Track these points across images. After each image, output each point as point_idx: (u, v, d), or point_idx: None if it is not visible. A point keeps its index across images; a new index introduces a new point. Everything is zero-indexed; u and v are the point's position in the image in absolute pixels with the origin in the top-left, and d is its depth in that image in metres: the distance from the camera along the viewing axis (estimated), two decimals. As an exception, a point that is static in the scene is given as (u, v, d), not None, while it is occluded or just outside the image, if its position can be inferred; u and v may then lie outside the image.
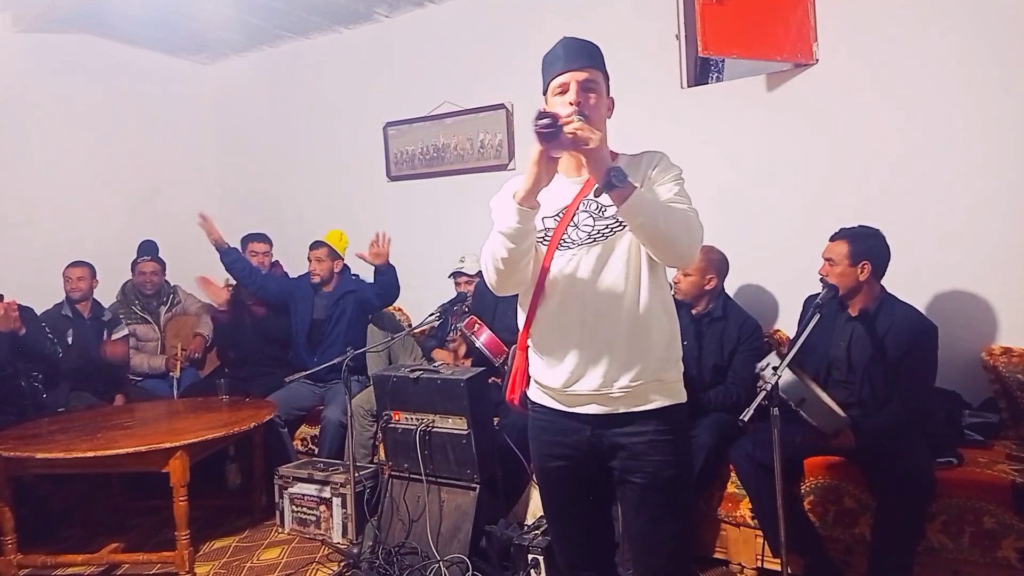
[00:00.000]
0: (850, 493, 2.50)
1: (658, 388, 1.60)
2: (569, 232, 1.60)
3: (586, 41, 1.63)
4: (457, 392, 2.75)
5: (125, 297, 4.26)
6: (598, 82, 1.60)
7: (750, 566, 2.68)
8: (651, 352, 1.59)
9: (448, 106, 4.24)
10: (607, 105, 1.64)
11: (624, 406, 1.59)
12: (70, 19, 4.24)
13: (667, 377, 1.62)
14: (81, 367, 3.73)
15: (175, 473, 2.78)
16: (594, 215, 1.60)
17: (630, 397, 1.59)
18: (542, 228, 1.62)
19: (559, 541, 1.81)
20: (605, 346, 1.58)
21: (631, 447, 1.60)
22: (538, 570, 2.51)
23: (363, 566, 2.77)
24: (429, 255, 4.29)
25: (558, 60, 1.60)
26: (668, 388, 1.63)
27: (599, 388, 1.58)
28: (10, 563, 2.84)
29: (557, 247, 1.60)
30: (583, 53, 1.60)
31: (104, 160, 4.60)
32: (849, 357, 2.61)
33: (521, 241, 1.52)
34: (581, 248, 1.58)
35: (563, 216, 1.61)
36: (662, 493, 1.60)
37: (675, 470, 1.61)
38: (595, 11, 3.73)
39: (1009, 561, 2.27)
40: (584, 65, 1.58)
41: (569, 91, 1.56)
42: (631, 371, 1.57)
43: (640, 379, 1.58)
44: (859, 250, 2.53)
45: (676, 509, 1.63)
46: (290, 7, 4.18)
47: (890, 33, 3.04)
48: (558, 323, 1.62)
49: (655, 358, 1.59)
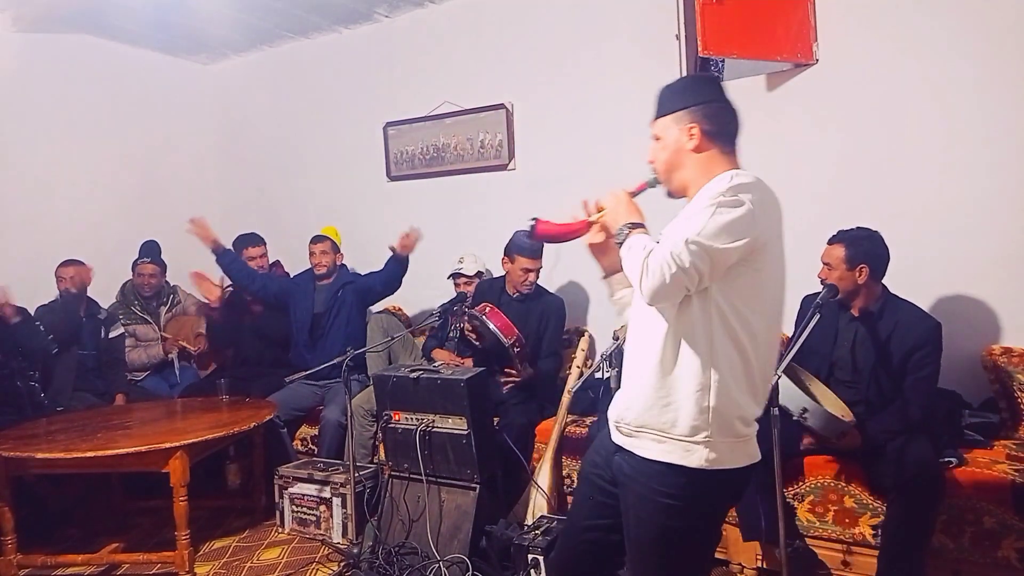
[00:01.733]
0: (850, 493, 2.50)
1: (660, 439, 1.50)
2: None
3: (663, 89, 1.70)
4: (457, 392, 2.75)
5: (125, 297, 4.26)
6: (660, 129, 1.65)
7: (750, 566, 2.68)
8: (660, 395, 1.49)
9: (448, 106, 4.24)
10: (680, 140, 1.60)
11: (624, 442, 1.59)
12: (70, 19, 4.23)
13: (676, 431, 1.48)
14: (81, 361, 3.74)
15: (175, 473, 2.78)
16: None
17: (631, 437, 1.56)
18: None
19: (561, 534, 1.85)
20: (629, 374, 1.60)
21: (626, 489, 1.57)
22: (538, 570, 2.51)
23: (363, 566, 2.77)
24: (429, 255, 4.28)
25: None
26: (673, 444, 1.49)
27: (617, 418, 1.61)
28: (10, 563, 2.84)
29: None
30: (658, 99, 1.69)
31: (104, 160, 4.60)
32: (853, 357, 2.61)
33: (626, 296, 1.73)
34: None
35: None
36: (639, 550, 1.57)
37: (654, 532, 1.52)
38: (595, 11, 3.73)
39: (1009, 561, 2.27)
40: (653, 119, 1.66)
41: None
42: (637, 409, 1.54)
43: (641, 422, 1.53)
44: (856, 253, 2.53)
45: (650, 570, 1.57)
46: (290, 7, 4.18)
47: (890, 33, 3.04)
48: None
49: (664, 405, 1.49)
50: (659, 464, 1.50)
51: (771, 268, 1.51)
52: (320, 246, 3.98)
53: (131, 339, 4.13)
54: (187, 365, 4.33)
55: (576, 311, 3.76)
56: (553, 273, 3.08)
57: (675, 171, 1.61)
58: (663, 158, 1.62)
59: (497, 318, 3.15)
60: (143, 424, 3.22)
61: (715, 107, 1.61)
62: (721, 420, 1.47)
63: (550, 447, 3.05)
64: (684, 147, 1.59)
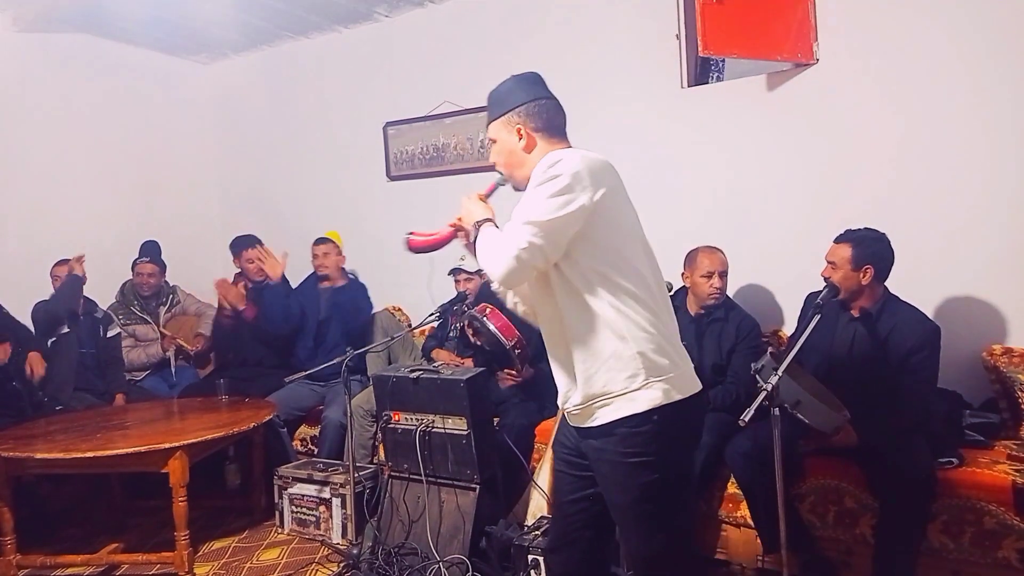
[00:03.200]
0: (850, 493, 2.50)
1: (606, 402, 1.59)
2: None
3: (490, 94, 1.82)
4: (457, 392, 2.74)
5: (124, 297, 4.26)
6: (492, 134, 1.78)
7: (750, 566, 2.68)
8: (581, 363, 1.61)
9: (448, 106, 4.24)
10: (511, 141, 1.74)
11: (579, 422, 1.68)
12: (70, 19, 4.23)
13: (616, 388, 1.57)
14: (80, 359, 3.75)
15: (174, 473, 2.77)
16: None
17: (582, 415, 1.65)
18: None
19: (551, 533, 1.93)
20: (555, 365, 1.71)
21: (596, 462, 1.66)
22: (538, 571, 2.51)
23: (363, 567, 2.77)
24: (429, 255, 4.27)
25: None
26: (619, 400, 1.58)
27: (565, 404, 1.70)
28: (9, 563, 2.84)
29: None
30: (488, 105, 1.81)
31: (104, 160, 4.59)
32: (852, 357, 2.61)
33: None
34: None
35: None
36: (623, 513, 1.66)
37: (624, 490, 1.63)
38: (595, 11, 3.72)
39: (1010, 562, 2.26)
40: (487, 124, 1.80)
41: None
42: (575, 389, 1.64)
43: (583, 397, 1.62)
44: (862, 254, 2.53)
45: (635, 524, 1.66)
46: (290, 7, 4.18)
47: (890, 33, 3.04)
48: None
49: (593, 373, 1.59)
50: (615, 424, 1.58)
51: (625, 215, 1.65)
52: (322, 248, 4.01)
53: (130, 339, 4.13)
54: (184, 364, 4.32)
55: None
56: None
57: (516, 168, 1.74)
58: (502, 160, 1.76)
59: (497, 319, 3.14)
60: (142, 424, 3.21)
61: (538, 104, 1.74)
62: (648, 361, 1.57)
63: (550, 447, 3.04)
64: (516, 147, 1.73)
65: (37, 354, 3.52)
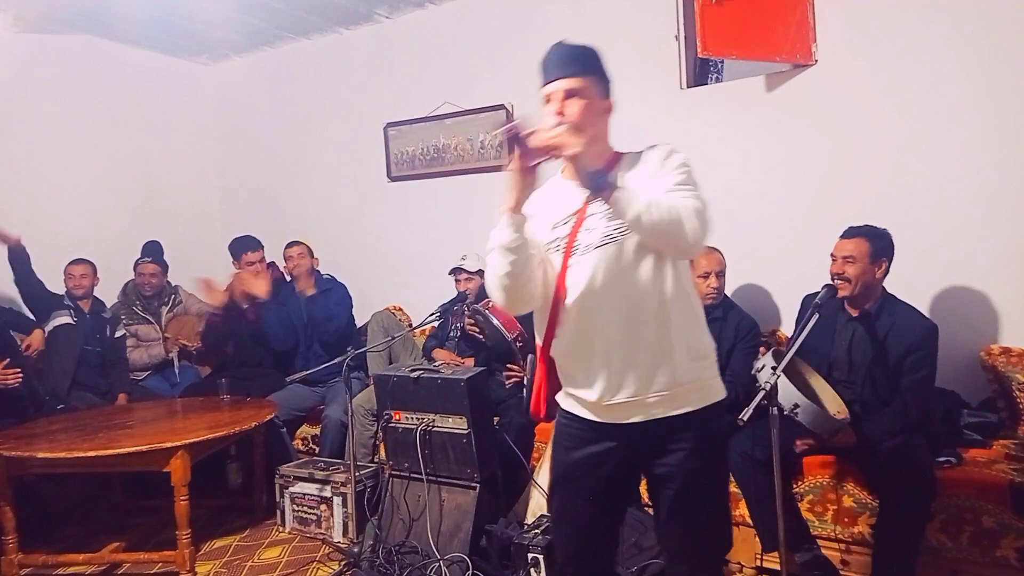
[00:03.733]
0: (850, 493, 2.51)
1: (695, 387, 1.57)
2: (581, 237, 1.55)
3: (574, 46, 1.60)
4: (457, 392, 2.75)
5: (126, 297, 4.27)
6: (585, 87, 1.56)
7: (749, 565, 2.69)
8: (681, 351, 1.53)
9: (448, 107, 4.25)
10: (602, 108, 1.61)
11: (662, 410, 1.55)
12: (71, 20, 4.24)
13: (704, 374, 1.59)
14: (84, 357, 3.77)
15: (176, 472, 2.78)
16: (607, 215, 1.53)
17: (668, 400, 1.54)
18: (555, 237, 1.59)
19: (563, 547, 1.74)
20: (634, 350, 1.53)
21: (669, 455, 1.56)
22: (538, 569, 2.52)
23: (363, 565, 2.78)
24: (429, 255, 4.30)
25: (547, 70, 1.60)
26: (705, 386, 1.59)
27: (635, 395, 1.54)
28: (11, 562, 2.85)
29: (571, 254, 1.55)
30: (568, 60, 1.58)
31: (105, 160, 4.60)
32: (850, 357, 2.62)
33: (519, 252, 1.50)
34: (596, 251, 1.53)
35: (575, 222, 1.57)
36: (697, 501, 1.58)
37: (711, 478, 1.61)
38: (594, 11, 3.74)
39: (1008, 561, 2.27)
40: (568, 73, 1.56)
41: (552, 101, 1.56)
42: (664, 373, 1.53)
43: (675, 380, 1.53)
44: (879, 248, 2.54)
45: (712, 515, 1.62)
46: (290, 8, 4.19)
47: (890, 33, 3.04)
48: (582, 334, 1.56)
49: (687, 357, 1.54)
50: (704, 411, 1.57)
51: None
52: (293, 250, 4.00)
53: (132, 339, 4.14)
54: (188, 365, 4.34)
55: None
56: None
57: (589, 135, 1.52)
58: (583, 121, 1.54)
59: (500, 313, 3.15)
60: (144, 424, 3.22)
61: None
62: (713, 353, 1.63)
63: (550, 446, 3.04)
64: (603, 115, 1.61)
65: (40, 332, 3.62)
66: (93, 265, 3.92)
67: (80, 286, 3.85)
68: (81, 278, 3.86)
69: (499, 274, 1.53)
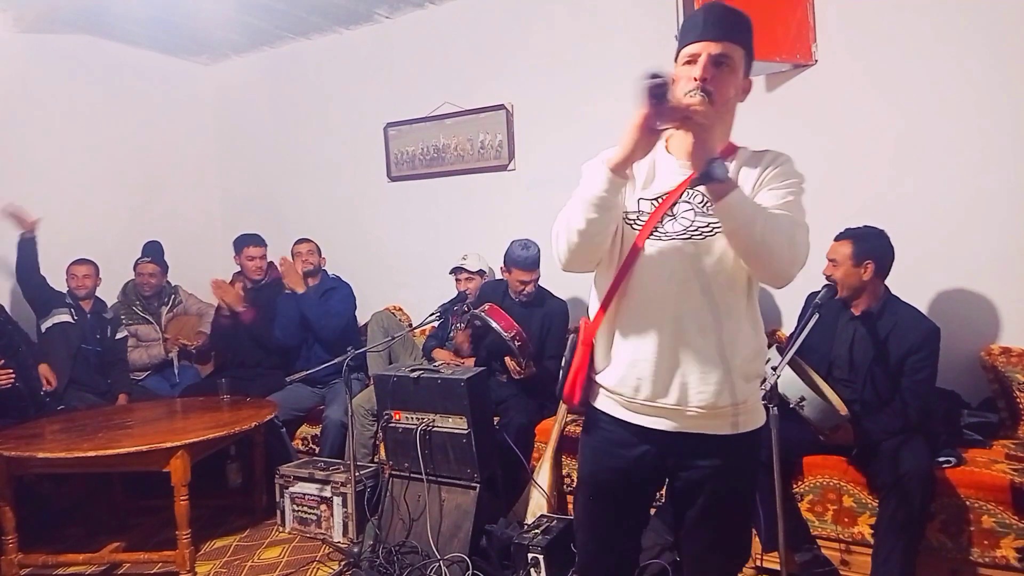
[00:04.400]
0: (850, 493, 2.51)
1: (741, 411, 1.44)
2: (665, 222, 1.41)
3: (734, 11, 1.43)
4: (457, 392, 2.76)
5: (126, 297, 4.27)
6: (734, 58, 1.41)
7: (749, 565, 2.68)
8: (736, 370, 1.41)
9: (448, 106, 4.25)
10: (742, 88, 1.46)
11: (699, 427, 1.43)
12: (71, 20, 4.24)
13: (751, 398, 1.47)
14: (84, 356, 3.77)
15: (176, 472, 2.78)
16: (697, 209, 1.40)
17: (708, 418, 1.42)
18: (636, 209, 1.45)
19: (586, 552, 1.65)
20: (686, 356, 1.40)
21: (697, 471, 1.46)
22: (538, 569, 2.52)
23: (363, 565, 2.78)
24: (429, 255, 4.30)
25: (696, 27, 1.41)
26: (750, 411, 1.47)
27: (676, 403, 1.42)
28: (12, 562, 2.85)
29: (650, 235, 1.41)
30: (724, 23, 1.41)
31: (105, 160, 4.60)
32: (851, 357, 2.62)
33: (604, 212, 1.34)
34: (675, 242, 1.40)
35: (663, 202, 1.42)
36: (721, 519, 1.51)
37: (739, 498, 1.53)
38: (595, 11, 3.74)
39: (1008, 561, 2.28)
40: (721, 36, 1.39)
41: (697, 63, 1.37)
42: (712, 389, 1.40)
43: (722, 399, 1.41)
44: (863, 250, 2.54)
45: (735, 533, 1.57)
46: (290, 8, 4.19)
47: (888, 34, 3.05)
48: (638, 320, 1.44)
49: (740, 377, 1.42)
50: (753, 433, 1.48)
51: None
52: (304, 247, 4.04)
53: (132, 339, 4.14)
54: (187, 364, 4.34)
55: (578, 314, 3.77)
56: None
57: (721, 112, 1.39)
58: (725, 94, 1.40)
59: (498, 315, 3.15)
60: (144, 424, 3.22)
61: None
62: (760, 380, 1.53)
63: (550, 446, 3.06)
64: (739, 90, 1.45)
65: (46, 367, 3.61)
66: (96, 265, 3.93)
67: (83, 286, 3.86)
68: (84, 278, 3.87)
69: (572, 227, 1.37)
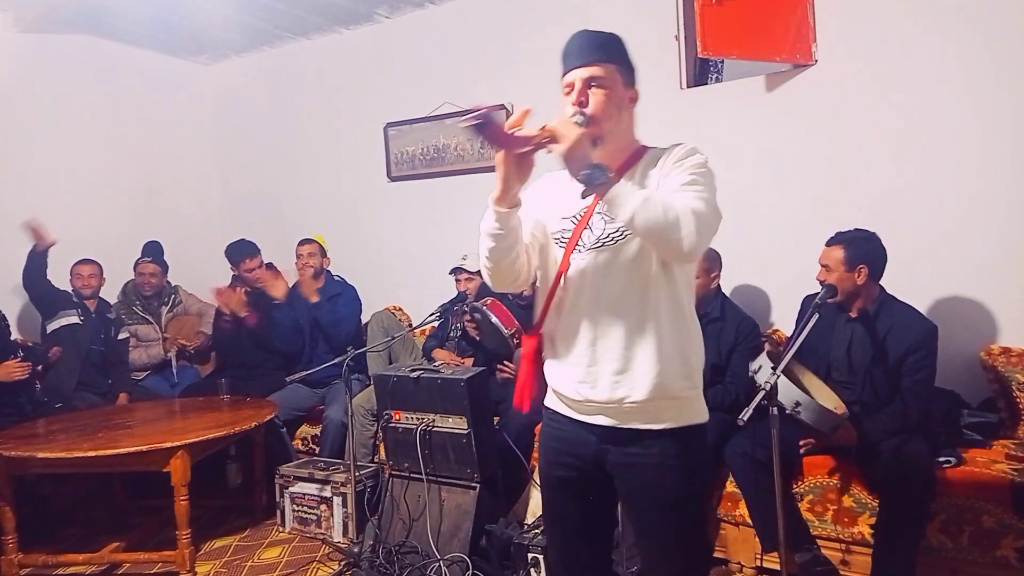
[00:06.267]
0: (850, 493, 2.51)
1: (672, 406, 1.50)
2: (584, 236, 1.52)
3: (597, 33, 1.55)
4: (457, 392, 2.76)
5: (126, 297, 4.27)
6: (606, 76, 1.49)
7: (749, 565, 2.69)
8: (665, 366, 1.47)
9: (448, 106, 4.25)
10: (626, 98, 1.53)
11: (635, 422, 1.50)
12: (71, 20, 4.24)
13: (684, 394, 1.51)
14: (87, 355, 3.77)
15: (176, 472, 2.78)
16: (606, 218, 1.48)
17: (640, 412, 1.49)
18: (560, 229, 1.56)
19: (555, 548, 1.72)
20: (612, 357, 1.49)
21: (637, 467, 1.51)
22: (538, 569, 2.52)
23: (363, 565, 2.78)
24: (429, 255, 4.30)
25: (567, 57, 1.54)
26: (683, 406, 1.51)
27: (608, 400, 1.49)
28: (11, 562, 2.85)
29: (573, 250, 1.52)
30: (587, 48, 1.53)
31: (105, 160, 4.60)
32: (850, 358, 2.62)
33: (500, 240, 1.47)
34: (591, 252, 1.50)
35: (581, 218, 1.53)
36: (668, 519, 1.52)
37: (682, 496, 1.51)
38: (594, 12, 3.74)
39: (1008, 560, 2.27)
40: (588, 61, 1.50)
41: (574, 90, 1.50)
42: (641, 385, 1.47)
43: (651, 395, 1.46)
44: (855, 255, 2.54)
45: (683, 535, 1.55)
46: (290, 8, 4.19)
47: (889, 33, 3.05)
48: (567, 329, 1.54)
49: (668, 373, 1.47)
50: (679, 430, 1.49)
51: None
52: (307, 248, 4.02)
53: (132, 339, 4.14)
54: (186, 364, 4.34)
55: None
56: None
57: (608, 131, 1.49)
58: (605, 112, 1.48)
59: (498, 310, 3.15)
60: (144, 423, 3.23)
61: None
62: (698, 374, 1.54)
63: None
64: (626, 107, 1.53)
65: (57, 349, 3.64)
66: (100, 265, 3.94)
67: (88, 286, 3.87)
68: (89, 278, 3.88)
69: (481, 255, 1.55)
